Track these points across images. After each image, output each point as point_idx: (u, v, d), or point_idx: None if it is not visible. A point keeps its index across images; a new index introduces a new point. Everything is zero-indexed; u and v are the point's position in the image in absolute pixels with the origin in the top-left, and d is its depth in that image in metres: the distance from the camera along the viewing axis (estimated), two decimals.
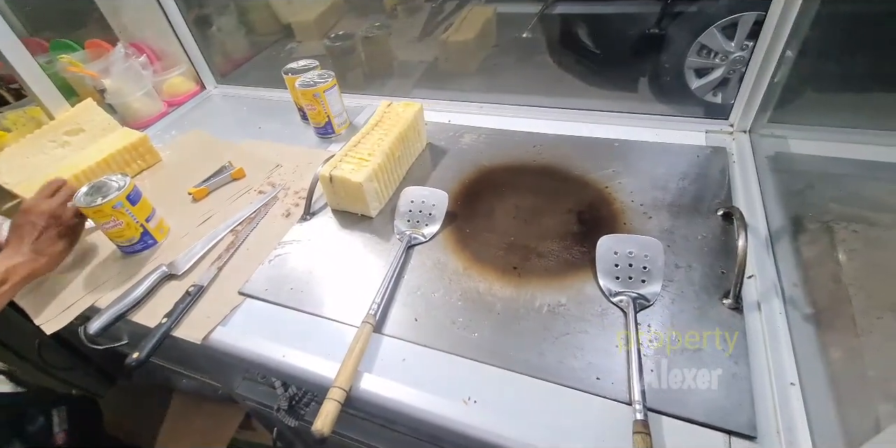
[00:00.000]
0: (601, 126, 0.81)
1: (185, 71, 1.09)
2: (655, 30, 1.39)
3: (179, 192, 0.74)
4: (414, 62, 1.17)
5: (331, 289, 0.57)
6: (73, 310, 0.57)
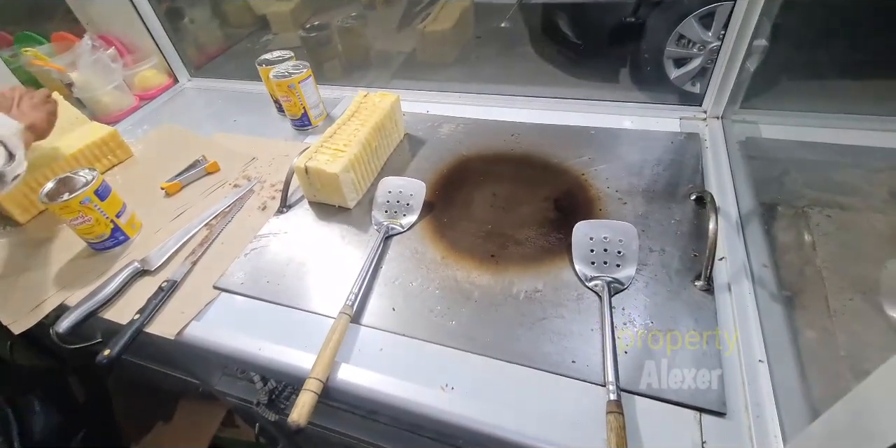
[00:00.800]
0: (579, 114, 0.81)
1: (157, 64, 1.06)
2: (632, 19, 1.39)
3: (152, 188, 0.73)
4: (392, 53, 1.15)
5: (308, 281, 0.57)
6: (41, 309, 0.55)
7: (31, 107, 0.66)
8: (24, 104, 0.66)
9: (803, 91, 0.86)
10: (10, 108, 0.65)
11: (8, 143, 0.56)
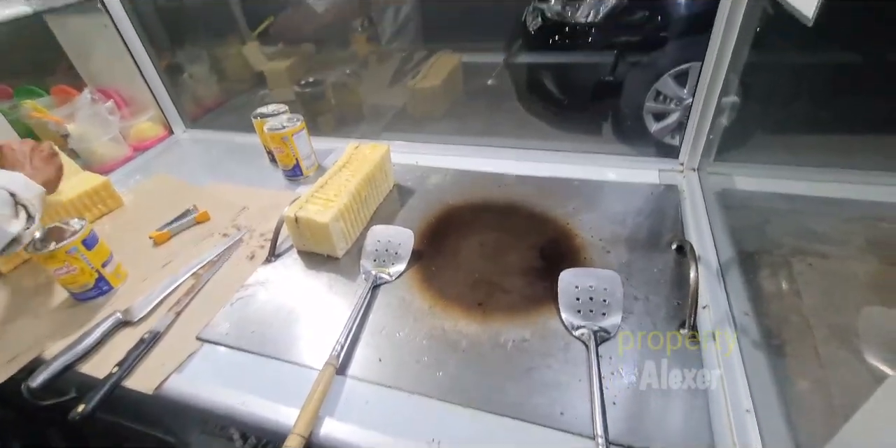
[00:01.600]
0: (563, 165, 0.88)
1: (154, 116, 1.13)
2: (611, 77, 1.54)
3: (140, 237, 0.75)
4: (383, 107, 1.25)
5: (294, 331, 0.58)
6: (16, 362, 0.55)
7: (43, 162, 0.70)
8: (37, 159, 0.70)
9: (775, 145, 0.96)
10: (23, 164, 0.68)
11: (30, 207, 0.58)
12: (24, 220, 0.58)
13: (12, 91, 1.20)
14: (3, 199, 0.56)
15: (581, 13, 1.72)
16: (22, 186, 0.60)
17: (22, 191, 0.59)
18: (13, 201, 0.58)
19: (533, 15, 1.90)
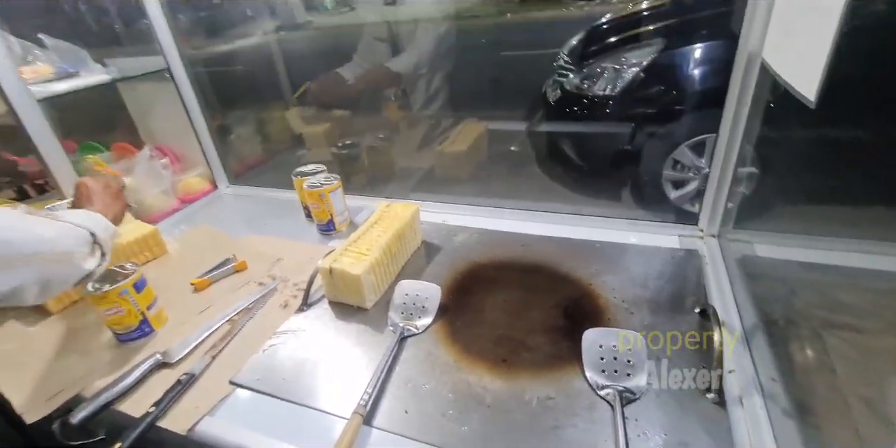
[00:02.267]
0: (585, 228, 0.94)
1: (202, 172, 1.27)
2: (628, 147, 1.66)
3: (182, 283, 0.82)
4: (412, 168, 1.37)
5: (323, 379, 0.62)
6: (57, 398, 0.59)
7: (112, 198, 0.76)
8: (107, 196, 0.76)
9: (797, 215, 1.00)
10: (95, 201, 0.73)
11: (104, 246, 0.63)
12: (99, 257, 0.63)
13: (77, 146, 1.36)
14: (84, 239, 0.60)
15: (599, 87, 1.89)
16: (102, 227, 0.65)
17: (101, 231, 0.64)
18: (92, 240, 0.62)
19: (553, 87, 2.09)
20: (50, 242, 0.54)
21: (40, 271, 0.52)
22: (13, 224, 0.52)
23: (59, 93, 1.03)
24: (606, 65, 1.89)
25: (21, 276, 0.50)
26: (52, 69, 1.12)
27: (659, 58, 1.75)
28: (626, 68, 1.83)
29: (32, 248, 0.51)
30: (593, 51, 2.00)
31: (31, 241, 0.52)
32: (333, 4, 6.50)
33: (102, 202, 0.74)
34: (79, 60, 1.15)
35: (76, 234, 0.59)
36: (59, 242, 0.55)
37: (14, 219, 0.53)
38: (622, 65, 1.85)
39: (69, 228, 0.58)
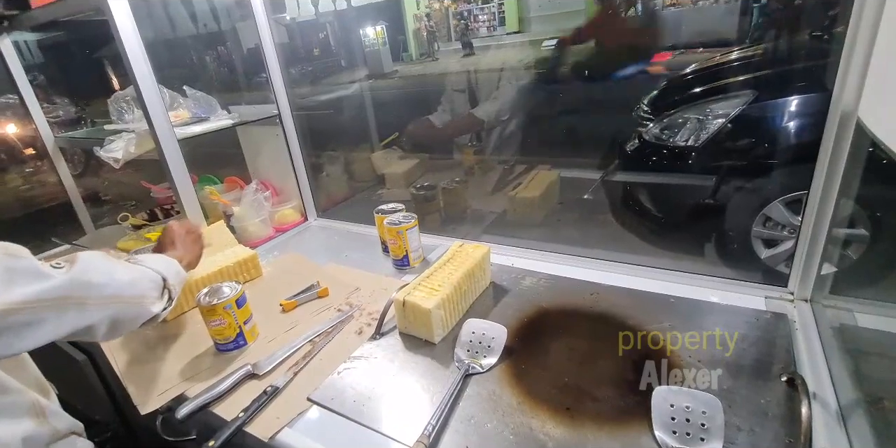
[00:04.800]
0: (658, 281, 0.93)
1: (296, 205, 1.43)
2: (712, 200, 1.61)
3: (272, 303, 0.93)
4: (485, 211, 1.44)
5: (390, 406, 0.66)
6: (167, 394, 0.70)
7: (192, 243, 0.84)
8: (188, 241, 0.83)
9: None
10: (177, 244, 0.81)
11: (173, 292, 0.71)
12: (166, 301, 0.69)
13: (197, 178, 1.61)
14: (156, 283, 0.67)
15: (680, 137, 1.88)
16: (174, 273, 0.72)
17: (172, 277, 0.71)
18: (163, 285, 0.69)
19: (630, 136, 2.11)
20: (126, 286, 0.60)
21: (114, 312, 0.58)
22: (97, 267, 0.57)
23: (194, 134, 1.24)
24: (689, 115, 1.88)
25: (96, 316, 0.55)
26: (189, 114, 1.36)
27: (748, 109, 1.72)
28: (710, 119, 1.81)
29: (110, 290, 0.57)
30: (675, 101, 2.01)
31: (110, 284, 0.57)
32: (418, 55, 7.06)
33: (183, 246, 0.83)
34: (210, 107, 1.39)
35: (151, 278, 0.65)
36: (134, 286, 0.61)
37: (98, 262, 0.58)
38: (706, 115, 1.83)
39: (145, 273, 0.65)
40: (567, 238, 1.25)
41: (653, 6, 4.92)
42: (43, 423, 0.57)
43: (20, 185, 2.30)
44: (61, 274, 0.52)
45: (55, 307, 0.50)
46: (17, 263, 0.48)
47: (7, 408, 0.54)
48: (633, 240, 1.83)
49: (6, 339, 0.46)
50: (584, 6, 7.41)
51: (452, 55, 6.24)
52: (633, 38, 3.02)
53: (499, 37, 6.90)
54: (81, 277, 0.53)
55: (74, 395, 0.82)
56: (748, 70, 2.03)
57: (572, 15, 7.09)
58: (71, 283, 0.52)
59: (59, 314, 0.51)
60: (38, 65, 1.49)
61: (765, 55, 2.14)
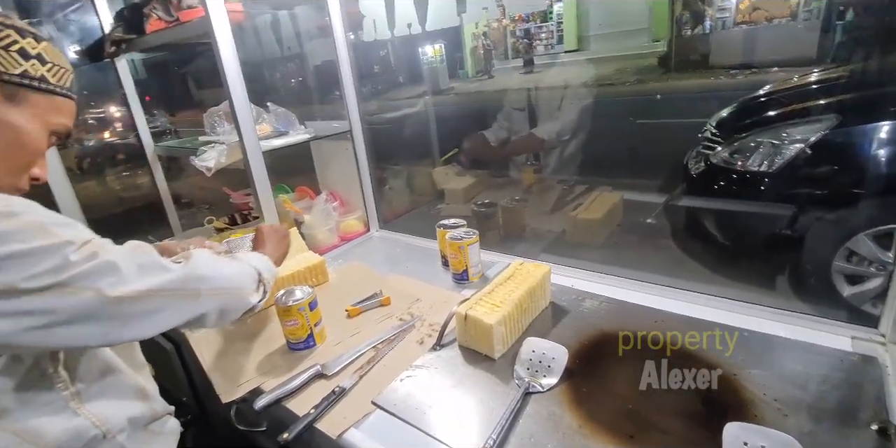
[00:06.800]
0: (727, 313, 0.89)
1: (360, 216, 1.50)
2: (788, 231, 1.51)
3: (339, 309, 0.98)
4: (544, 231, 1.44)
5: (450, 416, 0.68)
6: (246, 385, 0.76)
7: (279, 242, 0.89)
8: (276, 240, 0.89)
9: None
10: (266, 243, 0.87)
11: (267, 285, 0.76)
12: (262, 294, 0.74)
13: (272, 187, 1.73)
14: (253, 277, 0.72)
15: (753, 162, 1.79)
16: (267, 269, 0.77)
17: (266, 272, 0.76)
18: (259, 279, 0.74)
19: (696, 159, 2.03)
20: (230, 280, 0.66)
21: (221, 302, 0.63)
22: (206, 262, 0.62)
23: (275, 147, 1.35)
24: (763, 139, 1.80)
25: (208, 306, 0.61)
26: (270, 128, 1.48)
27: (831, 135, 1.62)
28: (787, 144, 1.72)
29: (218, 283, 0.63)
30: (747, 124, 1.93)
31: (218, 277, 0.63)
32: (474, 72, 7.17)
33: (272, 245, 0.88)
34: (290, 122, 1.50)
35: (248, 272, 0.71)
36: (237, 280, 0.68)
37: (207, 258, 0.63)
38: (782, 140, 1.74)
39: (243, 267, 0.71)
40: (628, 261, 1.22)
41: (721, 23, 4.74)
42: (146, 404, 0.63)
43: (118, 187, 2.58)
44: (179, 268, 0.58)
45: (175, 296, 0.56)
46: (146, 258, 0.55)
47: (117, 388, 0.61)
48: (696, 267, 1.75)
49: (136, 323, 0.53)
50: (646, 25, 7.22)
51: (508, 73, 6.32)
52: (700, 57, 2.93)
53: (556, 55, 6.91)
54: (196, 271, 0.60)
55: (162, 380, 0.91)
56: (831, 92, 1.92)
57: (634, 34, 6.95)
58: (187, 276, 0.58)
59: (178, 302, 0.57)
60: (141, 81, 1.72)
61: (851, 77, 2.01)
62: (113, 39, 1.44)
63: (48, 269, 0.46)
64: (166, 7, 1.28)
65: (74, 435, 0.54)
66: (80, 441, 0.55)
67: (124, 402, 0.61)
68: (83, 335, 0.49)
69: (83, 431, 0.55)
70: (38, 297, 0.45)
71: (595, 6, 7.03)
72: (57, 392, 0.54)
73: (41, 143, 0.59)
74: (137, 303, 0.52)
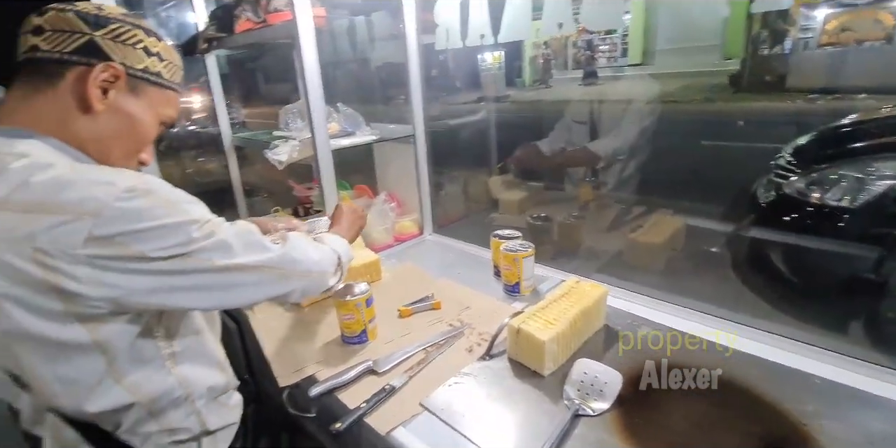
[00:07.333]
0: (799, 357, 0.83)
1: (415, 218, 1.53)
2: (871, 276, 1.39)
3: (391, 308, 1.00)
4: (599, 250, 1.41)
5: (497, 428, 0.68)
6: (301, 373, 0.80)
7: (355, 221, 0.97)
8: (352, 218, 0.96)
9: None
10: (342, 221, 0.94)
11: (344, 268, 0.82)
12: (339, 277, 0.80)
13: None
14: (334, 262, 0.78)
15: (832, 195, 1.67)
16: (345, 253, 0.83)
17: (344, 256, 0.82)
18: (338, 262, 0.80)
19: (766, 187, 1.91)
20: (317, 264, 0.72)
21: (306, 283, 0.69)
22: (298, 246, 0.69)
23: (342, 147, 1.40)
24: (846, 172, 1.67)
25: (295, 285, 0.67)
26: (339, 127, 1.53)
27: None
28: (874, 179, 1.59)
29: (307, 266, 0.69)
30: (829, 154, 1.80)
31: (308, 261, 0.69)
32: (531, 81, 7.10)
33: (348, 222, 0.95)
34: (357, 123, 1.55)
35: (331, 257, 0.77)
36: (321, 263, 0.73)
37: (300, 242, 0.70)
38: (869, 174, 1.61)
39: (327, 253, 0.77)
40: (686, 289, 1.16)
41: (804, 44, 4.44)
42: (223, 375, 0.69)
43: (191, 170, 2.78)
44: (277, 249, 0.64)
45: (271, 273, 0.62)
46: (251, 237, 0.61)
47: (203, 355, 0.67)
48: (755, 299, 1.64)
49: (236, 292, 0.59)
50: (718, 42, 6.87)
51: (566, 84, 6.22)
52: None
53: (619, 68, 6.73)
54: (290, 253, 0.66)
55: None
56: None
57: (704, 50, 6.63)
58: (283, 257, 0.64)
59: (273, 279, 0.63)
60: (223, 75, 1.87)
61: None
62: (206, 37, 1.56)
63: (175, 243, 0.52)
64: (255, 9, 1.37)
65: (164, 392, 0.60)
66: (166, 399, 0.61)
67: (207, 370, 0.67)
68: (195, 298, 0.57)
69: (171, 390, 0.61)
70: (164, 263, 0.52)
71: (664, 20, 6.80)
72: (158, 350, 0.60)
73: (152, 132, 0.65)
74: (240, 274, 0.58)
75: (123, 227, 0.49)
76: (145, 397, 0.59)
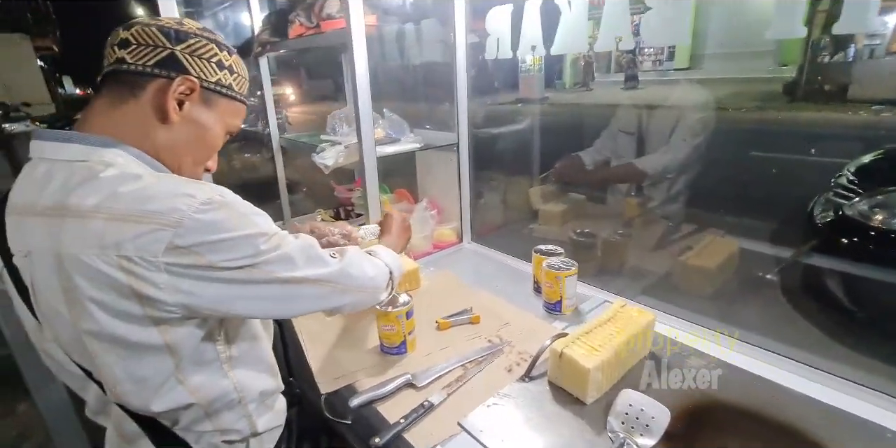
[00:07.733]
0: (864, 403, 0.77)
1: (454, 226, 1.53)
2: None
3: (429, 320, 1.00)
4: (645, 270, 1.36)
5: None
6: (342, 380, 0.81)
7: (404, 231, 1.01)
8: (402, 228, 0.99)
9: None
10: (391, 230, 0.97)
11: (394, 283, 0.83)
12: (389, 291, 0.82)
13: None
14: (386, 277, 0.80)
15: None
16: (398, 268, 0.84)
17: (396, 271, 0.83)
18: (390, 277, 0.81)
19: (824, 207, 1.79)
20: (371, 280, 0.74)
21: (359, 298, 0.71)
22: (355, 262, 0.70)
23: (388, 154, 1.41)
24: None
25: (348, 299, 0.69)
26: (384, 133, 1.54)
27: None
28: None
29: (363, 282, 0.71)
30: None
31: (363, 277, 0.71)
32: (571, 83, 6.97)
33: (397, 233, 0.98)
34: (401, 130, 1.55)
35: (384, 273, 0.78)
36: (375, 279, 0.75)
37: (357, 258, 0.72)
38: None
39: (382, 269, 0.78)
40: (745, 322, 1.09)
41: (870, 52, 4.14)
42: (274, 380, 0.71)
43: (238, 166, 2.89)
44: (336, 263, 0.66)
45: (328, 286, 0.65)
46: (313, 251, 0.64)
47: (258, 360, 0.68)
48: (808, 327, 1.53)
49: (294, 302, 0.62)
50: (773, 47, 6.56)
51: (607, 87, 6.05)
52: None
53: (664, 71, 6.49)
54: (347, 269, 0.67)
55: None
56: None
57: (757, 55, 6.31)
58: (340, 273, 0.66)
59: (329, 292, 0.65)
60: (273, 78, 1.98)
61: None
62: (261, 41, 1.60)
63: (244, 255, 0.55)
64: (308, 14, 1.40)
65: (220, 394, 0.62)
66: (222, 401, 0.63)
67: (260, 374, 0.68)
68: (255, 307, 0.59)
69: (227, 393, 0.63)
70: (231, 273, 0.55)
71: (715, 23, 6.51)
72: (218, 353, 0.62)
73: (220, 141, 0.67)
74: (300, 286, 0.61)
75: (201, 237, 0.52)
76: (203, 399, 0.61)
